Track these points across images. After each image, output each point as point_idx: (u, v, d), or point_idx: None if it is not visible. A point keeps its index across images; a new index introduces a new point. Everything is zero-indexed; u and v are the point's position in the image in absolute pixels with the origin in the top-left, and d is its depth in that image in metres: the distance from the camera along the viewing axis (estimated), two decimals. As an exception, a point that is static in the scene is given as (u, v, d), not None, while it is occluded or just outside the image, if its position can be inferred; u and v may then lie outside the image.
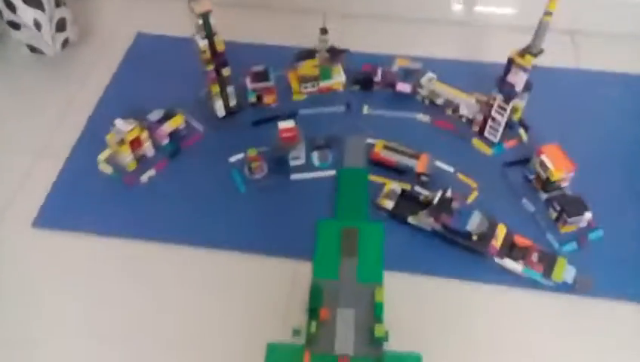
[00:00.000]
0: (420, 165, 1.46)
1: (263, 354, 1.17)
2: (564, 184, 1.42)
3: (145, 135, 1.47)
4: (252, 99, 1.63)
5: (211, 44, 1.43)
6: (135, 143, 1.46)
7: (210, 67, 1.47)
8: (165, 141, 1.54)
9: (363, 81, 1.68)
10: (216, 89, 1.53)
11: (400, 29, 1.89)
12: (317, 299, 1.23)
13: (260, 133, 1.56)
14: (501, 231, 1.33)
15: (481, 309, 1.27)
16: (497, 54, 1.47)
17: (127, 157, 1.46)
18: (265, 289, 1.30)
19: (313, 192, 1.46)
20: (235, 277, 1.32)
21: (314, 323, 1.19)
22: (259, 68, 1.62)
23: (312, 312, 1.21)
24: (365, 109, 1.64)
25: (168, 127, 1.52)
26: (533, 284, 1.30)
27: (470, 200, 1.43)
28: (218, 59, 1.47)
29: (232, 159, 1.52)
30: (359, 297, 1.25)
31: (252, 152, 1.45)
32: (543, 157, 1.40)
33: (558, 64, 1.74)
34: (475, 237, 1.31)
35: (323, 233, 1.37)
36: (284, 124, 1.44)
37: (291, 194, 1.46)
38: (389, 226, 1.39)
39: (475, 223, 1.32)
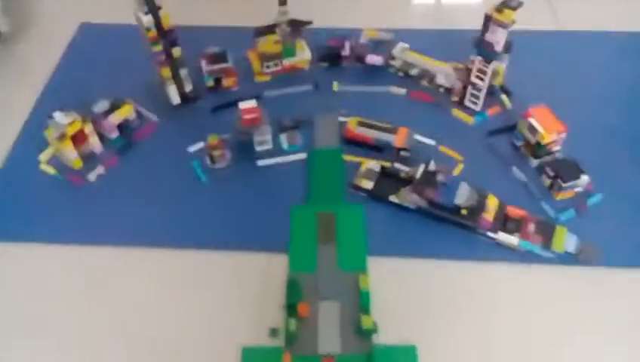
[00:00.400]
0: (398, 140, 1.34)
1: (239, 360, 1.04)
2: (556, 148, 1.31)
3: (89, 128, 1.32)
4: (209, 82, 1.48)
5: (157, 21, 1.28)
6: (79, 138, 1.30)
7: (158, 47, 1.32)
8: (114, 134, 1.39)
9: (330, 57, 1.56)
10: (167, 73, 1.38)
11: (367, 4, 1.77)
12: (294, 294, 1.09)
13: (221, 120, 1.42)
14: (492, 202, 1.21)
15: (477, 290, 1.15)
16: (471, 22, 1.37)
17: (71, 154, 1.30)
18: (237, 288, 1.16)
19: (283, 178, 1.33)
20: (204, 277, 1.19)
21: (293, 321, 1.05)
22: (215, 49, 1.47)
23: (290, 308, 1.07)
24: (335, 86, 1.52)
25: (116, 118, 1.37)
26: (532, 258, 1.18)
27: (456, 172, 1.31)
28: (166, 37, 1.32)
29: (192, 149, 1.38)
30: (342, 287, 1.11)
31: (213, 139, 1.31)
32: (532, 120, 1.29)
33: (537, 27, 1.65)
34: (464, 211, 1.19)
35: (297, 221, 1.23)
36: (246, 104, 1.31)
37: (259, 182, 1.33)
38: (369, 208, 1.26)
39: (463, 196, 1.20)
